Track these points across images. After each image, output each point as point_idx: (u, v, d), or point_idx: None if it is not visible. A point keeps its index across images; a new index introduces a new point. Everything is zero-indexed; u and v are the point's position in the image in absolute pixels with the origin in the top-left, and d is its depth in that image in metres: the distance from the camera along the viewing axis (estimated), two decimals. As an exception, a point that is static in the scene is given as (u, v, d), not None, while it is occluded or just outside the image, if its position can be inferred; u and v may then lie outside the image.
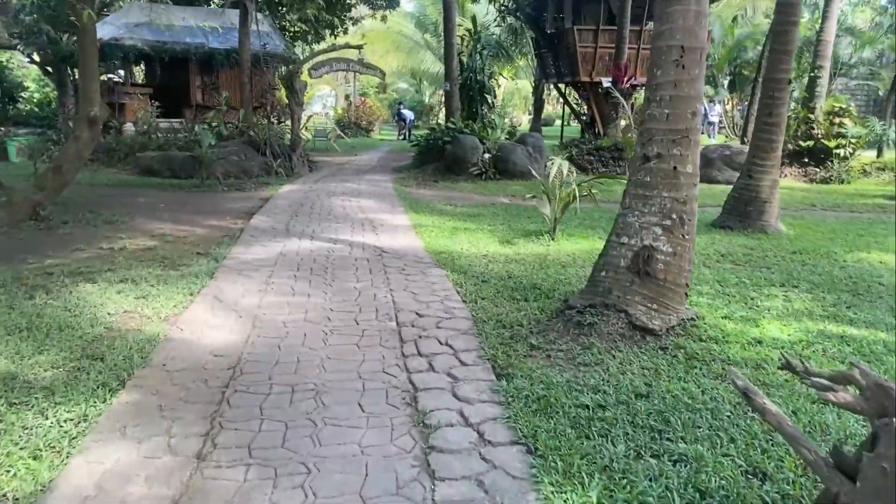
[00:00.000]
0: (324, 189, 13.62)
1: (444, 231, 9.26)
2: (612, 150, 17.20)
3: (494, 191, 13.88)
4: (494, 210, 11.30)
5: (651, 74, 5.14)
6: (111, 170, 16.19)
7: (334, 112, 37.29)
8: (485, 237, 8.86)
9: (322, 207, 11.21)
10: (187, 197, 12.65)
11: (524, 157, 15.58)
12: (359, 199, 12.22)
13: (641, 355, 4.54)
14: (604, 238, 8.92)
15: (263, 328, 5.08)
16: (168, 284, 6.34)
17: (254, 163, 15.57)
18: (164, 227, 9.52)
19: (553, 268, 7.10)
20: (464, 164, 15.44)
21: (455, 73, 17.11)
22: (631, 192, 5.17)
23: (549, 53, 24.16)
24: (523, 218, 10.48)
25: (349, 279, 6.53)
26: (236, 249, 7.86)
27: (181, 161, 14.86)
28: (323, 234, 8.90)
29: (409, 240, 8.61)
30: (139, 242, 8.40)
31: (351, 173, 17.10)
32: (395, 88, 48.95)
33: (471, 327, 5.12)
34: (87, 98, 9.90)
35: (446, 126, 16.68)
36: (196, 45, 19.99)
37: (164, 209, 11.24)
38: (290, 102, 16.39)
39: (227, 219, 10.32)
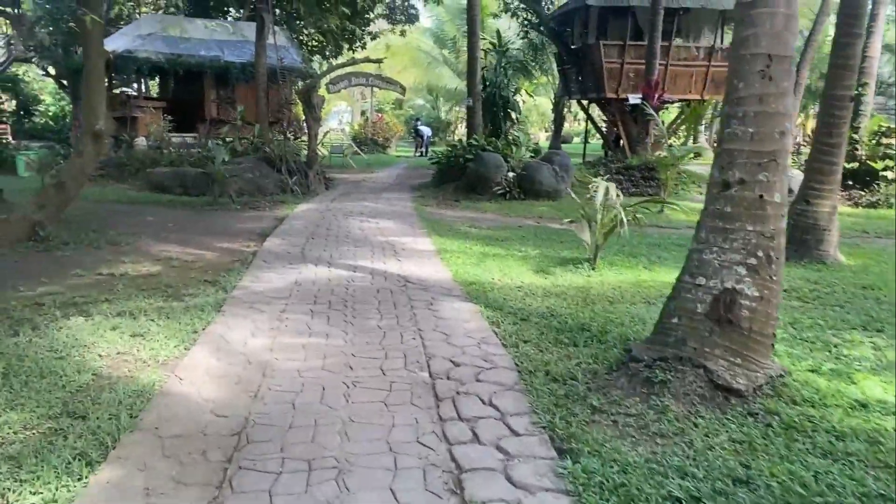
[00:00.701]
0: (341, 208, 12.94)
1: (472, 257, 8.52)
2: (642, 170, 16.43)
3: (520, 212, 13.14)
4: (523, 233, 10.56)
5: (731, 87, 4.40)
6: (121, 185, 15.62)
7: (350, 128, 36.80)
8: (517, 265, 8.11)
9: (339, 229, 10.52)
10: (198, 216, 12.01)
11: (550, 176, 14.85)
12: (378, 220, 11.53)
13: (728, 423, 3.76)
14: (649, 268, 8.20)
15: (275, 378, 4.35)
16: (170, 319, 5.64)
17: (269, 180, 14.94)
18: (171, 249, 8.85)
19: (599, 304, 6.33)
20: (487, 184, 14.73)
21: (478, 89, 16.45)
22: (707, 223, 4.41)
23: (572, 69, 23.51)
24: (556, 243, 9.73)
25: (371, 315, 5.80)
26: (247, 278, 7.16)
27: (193, 178, 14.26)
28: (341, 259, 8.19)
29: (434, 267, 7.87)
30: (143, 267, 7.72)
31: (368, 191, 16.44)
32: (412, 105, 48.56)
33: (516, 381, 4.36)
34: (92, 111, 9.30)
35: (468, 143, 16.00)
36: (211, 58, 19.50)
37: (172, 229, 10.60)
38: (308, 118, 15.78)
39: (239, 241, 9.64)
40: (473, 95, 16.38)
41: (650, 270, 7.92)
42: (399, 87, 18.35)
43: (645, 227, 10.02)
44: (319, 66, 29.30)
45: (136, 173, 16.10)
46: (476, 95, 16.40)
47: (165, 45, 19.00)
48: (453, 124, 43.23)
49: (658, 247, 9.56)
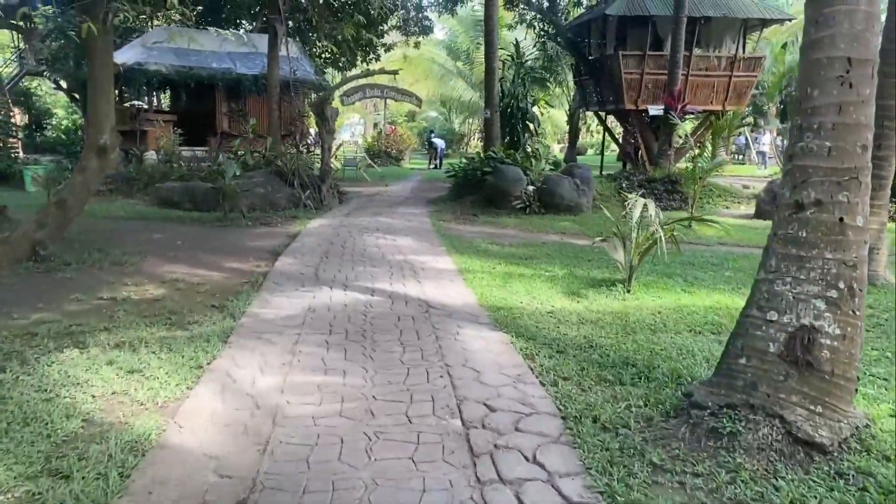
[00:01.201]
0: (356, 224, 12.47)
1: (496, 278, 8.00)
2: (665, 183, 15.88)
3: (541, 227, 12.62)
4: (548, 251, 10.03)
5: (804, 95, 3.88)
6: (130, 201, 15.23)
7: (363, 140, 36.46)
8: (545, 287, 7.58)
9: (355, 247, 10.03)
10: (208, 233, 11.57)
11: (571, 190, 14.33)
12: (395, 237, 11.03)
13: (815, 487, 3.21)
14: (687, 290, 7.64)
15: (287, 427, 3.84)
16: (172, 352, 5.15)
17: (281, 195, 14.50)
18: (177, 270, 8.39)
19: (641, 333, 5.79)
20: (506, 197, 14.22)
21: (496, 100, 15.98)
22: (778, 250, 3.88)
23: (590, 80, 23.03)
24: (584, 261, 9.19)
25: (393, 347, 5.28)
26: (257, 302, 6.67)
27: (203, 193, 13.84)
28: (358, 281, 7.68)
29: (457, 290, 7.35)
30: (147, 291, 7.25)
31: (383, 205, 15.97)
32: (425, 117, 48.27)
33: (561, 430, 3.82)
34: (97, 125, 8.89)
35: (486, 155, 15.51)
36: (223, 71, 19.16)
37: (180, 247, 10.15)
38: (321, 130, 15.35)
39: (249, 260, 9.17)
40: (491, 107, 15.91)
41: (689, 293, 7.37)
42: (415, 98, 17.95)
43: (680, 243, 9.44)
44: (332, 78, 29.01)
45: (145, 188, 15.71)
46: (494, 107, 15.92)
47: (176, 58, 18.67)
48: (467, 136, 42.81)
49: (692, 265, 9.00)
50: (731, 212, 15.81)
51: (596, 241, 7.67)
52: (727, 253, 10.17)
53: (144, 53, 18.39)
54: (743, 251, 10.45)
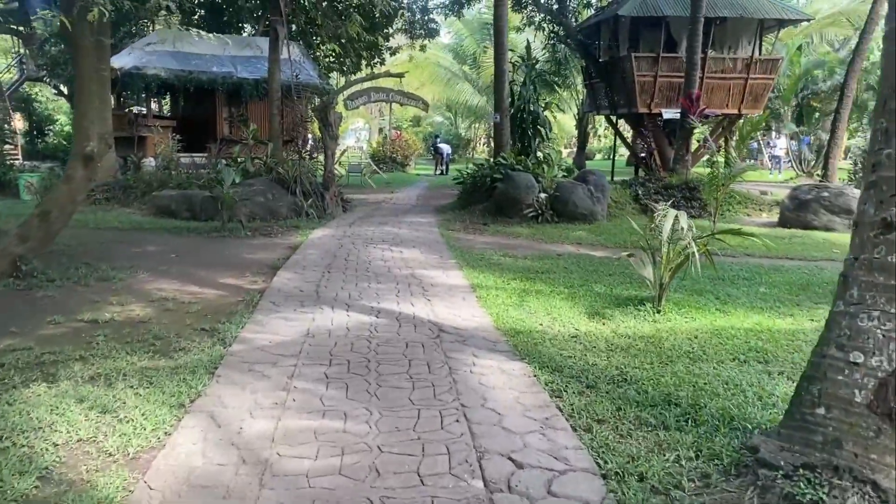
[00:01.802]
0: (360, 234, 11.87)
1: (512, 295, 7.38)
2: (682, 189, 15.24)
3: (555, 237, 11.99)
4: (565, 264, 9.40)
5: (891, 93, 3.26)
6: (126, 209, 14.69)
7: (368, 146, 35.92)
8: (566, 306, 6.96)
9: (359, 260, 9.43)
10: (205, 244, 10.99)
11: (586, 197, 13.71)
12: (401, 249, 10.43)
13: (928, 577, 2.58)
14: (722, 310, 6.98)
15: (276, 489, 3.22)
16: (152, 386, 4.56)
17: (282, 203, 13.92)
18: (168, 287, 7.80)
19: (679, 362, 5.16)
20: (517, 206, 13.61)
21: (506, 104, 15.37)
22: (861, 277, 3.25)
23: (601, 84, 22.43)
24: (605, 276, 8.57)
25: (401, 382, 4.66)
26: (251, 326, 6.07)
27: (201, 201, 13.27)
28: (362, 300, 7.08)
29: (470, 309, 6.74)
30: (132, 311, 6.67)
31: (389, 214, 15.38)
32: (431, 122, 47.76)
33: (603, 494, 3.20)
34: (83, 130, 8.34)
35: (496, 162, 14.90)
36: (224, 75, 18.67)
37: (174, 261, 9.58)
38: (324, 136, 14.78)
39: (246, 275, 8.58)
40: (501, 111, 15.30)
41: (725, 313, 6.73)
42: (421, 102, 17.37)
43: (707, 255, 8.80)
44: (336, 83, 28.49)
45: (142, 196, 15.16)
46: (504, 111, 15.31)
47: (175, 61, 18.18)
48: (473, 141, 42.24)
49: (722, 280, 8.36)
50: (753, 220, 15.16)
51: (622, 255, 7.06)
52: (756, 266, 9.54)
53: (143, 57, 17.90)
54: (772, 263, 9.81)
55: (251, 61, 19.40)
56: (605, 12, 21.19)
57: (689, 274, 7.79)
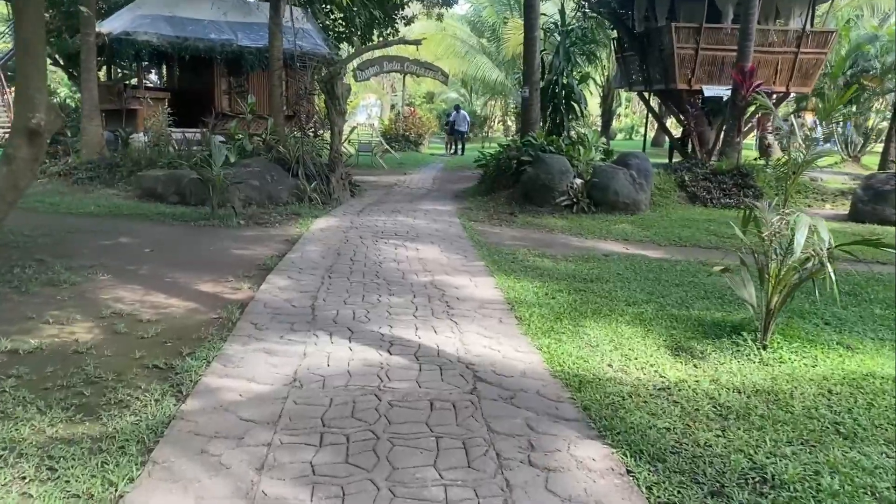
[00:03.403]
0: (369, 225, 10.26)
1: (561, 316, 5.75)
2: (733, 176, 13.50)
3: (596, 231, 10.32)
4: (616, 268, 7.75)
5: None
6: (109, 191, 13.11)
7: (380, 123, 34.14)
8: (635, 333, 5.33)
9: (367, 260, 7.82)
10: (188, 235, 9.41)
11: (627, 184, 12.01)
12: (418, 245, 8.81)
13: None
14: (842, 342, 5.27)
15: None
16: (53, 481, 3.01)
17: (282, 187, 12.30)
18: (129, 295, 6.24)
19: (832, 444, 3.51)
20: (549, 193, 11.93)
21: (536, 76, 13.59)
22: None
23: (634, 57, 20.52)
24: (672, 286, 6.93)
25: (426, 478, 3.06)
26: (220, 364, 4.48)
27: (190, 183, 11.66)
28: (370, 322, 5.46)
29: (512, 340, 5.12)
30: (73, 334, 5.10)
31: (402, 199, 13.74)
32: (445, 98, 45.86)
33: None
34: (27, 99, 6.67)
35: (524, 142, 13.18)
36: (223, 42, 16.97)
37: (147, 256, 8.02)
38: (330, 111, 13.10)
39: (229, 278, 6.99)
40: (530, 84, 13.52)
41: (850, 350, 5.07)
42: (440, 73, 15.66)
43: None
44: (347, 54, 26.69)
45: (128, 176, 13.57)
46: (534, 84, 13.53)
47: (170, 27, 16.50)
48: (490, 119, 40.35)
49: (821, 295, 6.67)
50: (817, 211, 13.41)
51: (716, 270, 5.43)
52: (848, 275, 7.81)
53: (134, 22, 16.24)
54: (864, 270, 8.07)
55: (254, 28, 17.69)
56: (642, -22, 19.25)
57: (804, 288, 6.13)
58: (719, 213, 12.28)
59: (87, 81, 14.67)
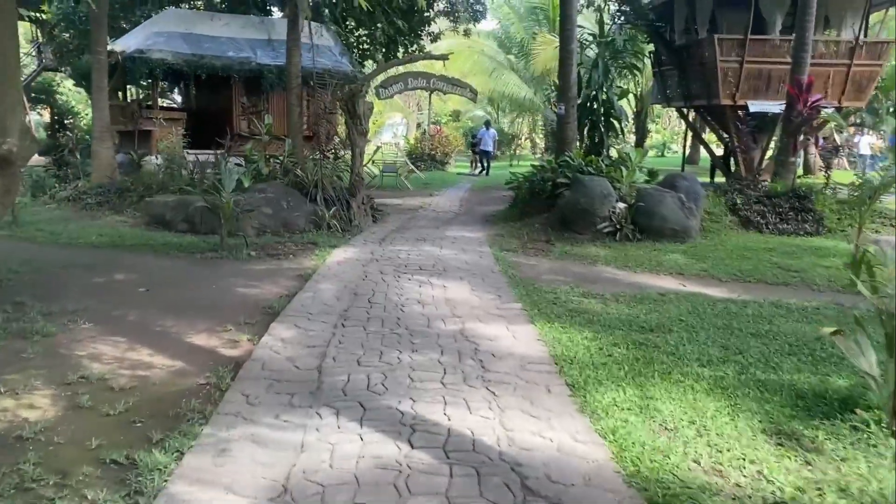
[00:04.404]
0: (391, 257, 9.28)
1: (622, 382, 4.68)
2: (790, 198, 12.30)
3: (644, 262, 9.21)
4: (678, 311, 6.65)
5: None
6: (117, 218, 12.31)
7: (406, 142, 33.30)
8: (721, 409, 4.25)
9: (388, 303, 6.81)
10: (191, 270, 8.50)
11: (676, 208, 10.89)
12: (445, 282, 7.79)
13: None
14: None
15: None
16: None
17: (299, 213, 11.40)
18: (108, 350, 5.32)
19: None
20: (589, 218, 10.87)
21: (573, 92, 12.54)
22: None
23: (673, 71, 19.42)
24: (747, 335, 5.82)
25: None
26: (194, 459, 3.50)
27: (200, 210, 10.79)
28: (386, 395, 4.43)
29: (567, 422, 4.05)
30: (24, 407, 4.17)
31: (428, 225, 12.75)
32: (471, 116, 45.00)
33: None
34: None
35: (560, 162, 12.13)
36: (241, 60, 16.23)
37: (142, 297, 7.12)
38: (351, 131, 12.21)
39: (228, 327, 6.04)
40: (566, 100, 12.47)
41: None
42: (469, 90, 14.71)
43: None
44: (371, 71, 25.92)
45: (138, 201, 12.78)
46: (570, 100, 12.47)
47: (186, 45, 15.80)
48: (518, 138, 39.34)
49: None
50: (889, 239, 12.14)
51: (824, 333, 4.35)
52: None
53: (149, 39, 15.57)
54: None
55: (273, 46, 16.94)
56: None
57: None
58: (777, 240, 11.10)
59: (98, 101, 13.99)
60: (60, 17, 20.48)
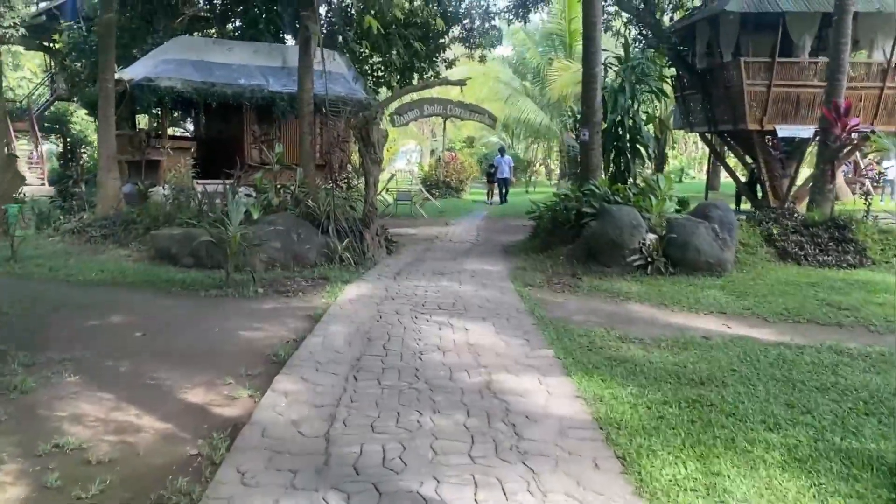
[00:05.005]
0: (408, 294, 8.66)
1: (682, 454, 4.01)
2: (828, 228, 11.59)
3: (682, 300, 8.51)
4: (728, 359, 5.95)
5: None
6: (121, 251, 11.78)
7: (420, 169, 32.86)
8: (799, 490, 3.57)
9: (405, 349, 6.17)
10: (195, 310, 7.92)
11: (710, 239, 10.22)
12: (466, 324, 7.15)
13: None
14: None
15: None
16: None
17: (310, 245, 10.83)
18: (93, 408, 4.74)
19: None
20: (618, 251, 10.21)
21: (597, 117, 11.95)
22: None
23: (696, 95, 18.85)
24: (812, 392, 5.11)
25: None
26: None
27: (206, 243, 10.24)
28: (405, 473, 3.77)
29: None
30: (-19, 490, 3.55)
31: (445, 257, 12.14)
32: (486, 142, 44.68)
33: None
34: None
35: (585, 191, 11.51)
36: (252, 88, 15.81)
37: (137, 342, 6.54)
38: (364, 159, 11.70)
39: (228, 379, 5.43)
40: (590, 126, 11.88)
41: None
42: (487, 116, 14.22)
43: None
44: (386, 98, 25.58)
45: (144, 234, 12.26)
46: (594, 126, 11.88)
47: (196, 72, 15.43)
48: (534, 164, 38.87)
49: None
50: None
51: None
52: None
53: (158, 67, 15.21)
54: None
55: (286, 73, 16.54)
56: (704, 10, 17.68)
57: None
58: (819, 273, 10.37)
59: (104, 131, 13.58)
60: (72, 46, 20.32)
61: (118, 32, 18.19)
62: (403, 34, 16.83)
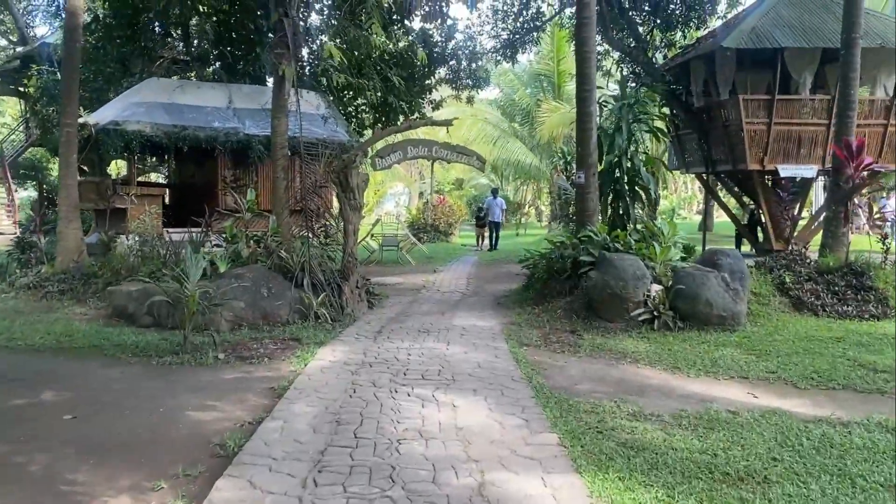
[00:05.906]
0: (388, 358, 7.67)
1: None
2: (845, 275, 10.73)
3: (696, 362, 7.56)
4: (765, 443, 4.98)
5: None
6: (77, 309, 10.75)
7: (408, 212, 32.04)
8: None
9: (379, 439, 5.15)
10: (142, 382, 6.89)
11: (721, 290, 9.32)
12: (454, 398, 6.16)
13: None
14: None
15: None
16: None
17: (281, 301, 9.85)
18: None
19: None
20: (621, 304, 9.30)
21: (593, 158, 11.14)
22: None
23: (692, 135, 18.21)
24: (876, 489, 4.14)
25: None
26: None
27: (160, 303, 9.20)
28: None
29: None
30: None
31: (432, 310, 11.16)
32: (475, 184, 44.15)
33: None
34: None
35: (582, 237, 10.62)
36: (227, 131, 14.97)
37: (64, 426, 5.51)
38: (343, 206, 10.82)
39: (159, 483, 4.40)
40: (586, 168, 11.04)
41: None
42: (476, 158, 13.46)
43: None
44: (370, 140, 24.82)
45: (104, 289, 11.25)
46: (591, 167, 11.05)
47: (167, 115, 14.59)
48: (523, 206, 38.21)
49: None
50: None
51: None
52: None
53: (127, 110, 14.36)
54: None
55: (263, 115, 15.72)
56: (698, 48, 17.12)
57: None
58: (842, 326, 9.47)
59: (66, 178, 12.66)
60: (42, 90, 19.54)
61: (92, 77, 17.47)
62: (381, 70, 16.14)
